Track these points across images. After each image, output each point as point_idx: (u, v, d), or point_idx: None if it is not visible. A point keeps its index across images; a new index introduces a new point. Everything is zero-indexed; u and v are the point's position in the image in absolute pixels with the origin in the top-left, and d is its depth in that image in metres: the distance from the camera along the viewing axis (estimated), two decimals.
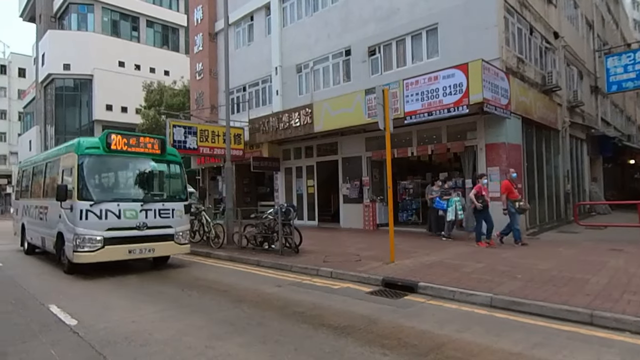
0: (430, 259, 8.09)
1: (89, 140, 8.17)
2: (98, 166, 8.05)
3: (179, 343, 4.20)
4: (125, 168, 8.48)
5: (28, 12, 45.04)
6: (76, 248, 7.33)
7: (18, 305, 5.85)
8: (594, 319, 4.54)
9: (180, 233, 8.49)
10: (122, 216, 7.65)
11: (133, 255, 7.79)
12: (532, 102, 12.93)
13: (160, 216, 8.15)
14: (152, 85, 29.26)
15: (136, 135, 8.73)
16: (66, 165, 8.11)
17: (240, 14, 19.50)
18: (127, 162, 8.36)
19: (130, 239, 7.72)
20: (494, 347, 3.93)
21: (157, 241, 8.06)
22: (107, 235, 7.47)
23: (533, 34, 13.89)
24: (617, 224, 13.26)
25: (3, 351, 4.06)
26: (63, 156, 8.41)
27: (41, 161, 10.24)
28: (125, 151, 8.16)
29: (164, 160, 8.82)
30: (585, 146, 18.94)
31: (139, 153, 8.36)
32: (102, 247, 7.42)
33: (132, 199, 8.03)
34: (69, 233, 7.57)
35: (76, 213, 7.38)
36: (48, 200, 8.93)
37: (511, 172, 10.24)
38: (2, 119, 53.32)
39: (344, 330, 4.46)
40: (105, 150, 7.94)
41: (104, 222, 7.49)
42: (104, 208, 7.50)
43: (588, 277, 6.24)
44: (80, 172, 7.55)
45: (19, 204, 12.11)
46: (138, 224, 7.81)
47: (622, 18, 29.22)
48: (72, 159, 7.80)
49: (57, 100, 36.92)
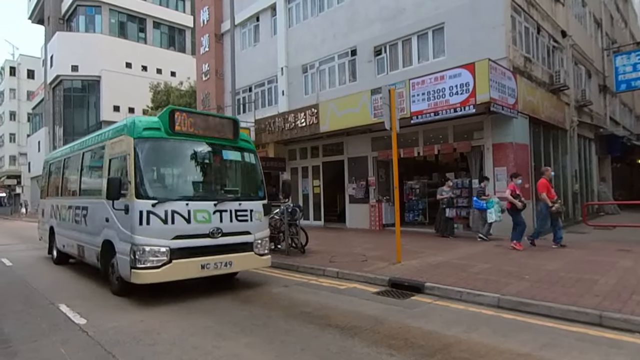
0: (437, 260, 8.06)
1: (146, 120, 6.23)
2: (160, 154, 6.15)
3: (185, 343, 4.23)
4: (193, 156, 6.47)
5: (37, 14, 45.54)
6: (135, 263, 5.51)
7: (27, 304, 5.93)
8: (603, 319, 4.50)
9: (259, 241, 6.57)
10: (192, 220, 5.79)
11: (206, 272, 5.90)
12: (540, 102, 12.84)
13: (237, 219, 6.27)
14: (159, 86, 29.47)
15: (204, 113, 7.09)
16: (115, 152, 6.37)
17: (246, 15, 19.57)
18: (194, 148, 6.39)
19: (203, 249, 5.88)
20: (502, 348, 3.92)
21: (234, 252, 6.20)
22: (174, 245, 5.64)
23: (540, 33, 13.80)
24: (626, 224, 13.13)
25: (14, 350, 4.12)
26: (110, 142, 6.62)
27: (76, 151, 8.43)
28: (192, 134, 6.25)
29: (236, 147, 6.84)
30: (593, 146, 18.76)
31: (208, 137, 6.44)
32: (169, 261, 5.57)
33: (203, 197, 6.19)
34: (122, 242, 5.81)
35: (134, 216, 5.55)
36: (88, 199, 7.33)
37: (549, 171, 9.76)
38: (11, 120, 53.92)
39: (350, 331, 4.46)
40: (168, 133, 6.04)
41: (170, 228, 5.65)
42: (170, 209, 5.66)
43: (596, 277, 6.19)
44: (137, 162, 5.73)
45: (45, 203, 10.40)
46: (212, 230, 5.94)
47: (631, 16, 28.91)
48: (125, 144, 6.00)
49: (66, 101, 37.30)
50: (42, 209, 10.80)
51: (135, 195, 5.60)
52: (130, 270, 5.56)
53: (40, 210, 11.18)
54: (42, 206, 10.89)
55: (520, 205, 9.18)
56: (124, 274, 5.80)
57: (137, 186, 5.64)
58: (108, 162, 6.52)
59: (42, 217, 10.74)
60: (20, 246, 13.57)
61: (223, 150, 6.73)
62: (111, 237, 6.14)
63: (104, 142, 6.85)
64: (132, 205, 5.59)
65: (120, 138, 6.26)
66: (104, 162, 6.68)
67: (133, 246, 5.53)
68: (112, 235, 6.11)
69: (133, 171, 5.69)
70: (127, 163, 5.84)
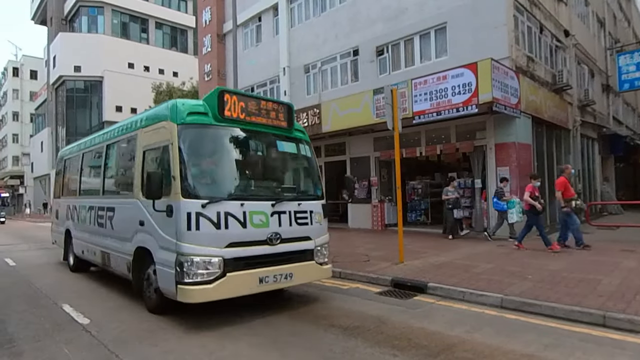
0: (440, 260, 8.05)
1: (189, 103, 5.21)
2: (208, 143, 5.18)
3: (189, 342, 4.24)
4: (244, 147, 5.55)
5: (39, 15, 45.73)
6: (182, 277, 4.54)
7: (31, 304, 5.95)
8: (607, 320, 4.49)
9: (320, 247, 5.64)
10: (247, 223, 4.87)
11: (264, 287, 4.98)
12: (543, 101, 12.81)
13: (296, 222, 5.36)
14: (161, 87, 29.53)
15: (256, 97, 6.09)
16: (152, 143, 5.39)
17: (248, 15, 19.59)
18: (245, 138, 5.45)
19: (260, 259, 4.94)
20: (505, 348, 3.91)
21: (293, 261, 5.26)
22: (228, 254, 4.69)
23: (543, 33, 13.76)
24: (630, 224, 13.08)
25: (19, 350, 4.13)
26: (145, 130, 5.65)
27: (98, 144, 7.48)
28: (243, 121, 5.32)
29: (291, 138, 5.91)
30: (596, 145, 18.71)
31: (260, 125, 5.51)
32: (222, 274, 4.62)
33: (258, 196, 5.28)
34: (163, 251, 4.87)
35: (180, 218, 4.60)
36: (115, 199, 6.44)
37: (570, 168, 9.56)
38: (14, 120, 54.18)
39: (354, 331, 4.46)
40: (216, 119, 5.09)
41: (223, 234, 4.70)
42: (223, 210, 4.72)
43: (600, 277, 6.17)
44: (182, 153, 4.77)
45: (60, 204, 9.38)
46: (270, 236, 5.00)
47: (634, 15, 28.79)
48: (166, 132, 5.04)
49: (68, 101, 37.48)
50: (55, 210, 9.75)
51: (181, 194, 4.63)
52: (176, 286, 4.58)
53: (53, 211, 10.12)
54: (55, 206, 9.83)
55: (539, 207, 8.89)
56: (165, 288, 4.87)
57: (183, 182, 4.67)
58: (142, 155, 5.58)
59: (55, 219, 9.70)
60: (23, 246, 13.62)
61: (277, 141, 5.75)
62: (147, 244, 5.22)
63: (136, 132, 5.89)
64: (178, 206, 4.62)
65: (158, 126, 5.28)
66: (136, 154, 5.74)
67: (179, 256, 4.58)
68: (149, 241, 5.18)
69: (178, 164, 4.72)
70: (170, 155, 4.85)
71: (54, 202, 10.07)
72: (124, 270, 5.97)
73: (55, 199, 10.02)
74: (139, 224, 5.38)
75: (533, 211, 8.95)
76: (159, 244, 4.96)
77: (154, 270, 5.09)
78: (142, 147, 5.61)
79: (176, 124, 4.91)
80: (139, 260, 5.48)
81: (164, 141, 5.04)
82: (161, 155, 5.16)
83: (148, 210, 5.14)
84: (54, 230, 9.99)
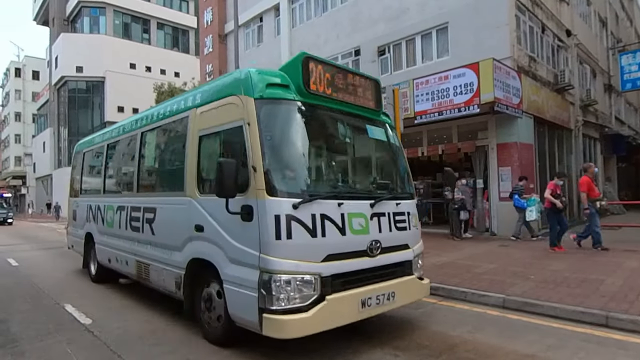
0: (442, 260, 8.04)
1: (266, 72, 3.98)
2: (293, 126, 4.00)
3: (191, 342, 4.24)
4: (333, 132, 4.41)
5: (41, 16, 45.89)
6: (269, 302, 3.42)
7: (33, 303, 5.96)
8: (610, 320, 4.48)
9: (417, 258, 4.55)
10: (347, 229, 3.78)
11: (366, 312, 3.84)
12: (544, 101, 12.79)
13: (395, 227, 4.26)
14: (163, 87, 29.54)
15: (343, 68, 4.55)
16: (213, 125, 4.19)
17: (250, 15, 19.62)
18: (334, 120, 4.31)
19: (360, 276, 3.84)
20: (508, 349, 3.90)
21: (393, 277, 4.15)
22: (326, 270, 3.60)
23: (545, 32, 13.74)
24: (632, 224, 13.04)
25: (21, 350, 4.14)
26: (202, 109, 4.39)
27: (129, 132, 6.27)
28: (330, 98, 4.15)
29: (379, 123, 4.81)
30: (598, 145, 18.67)
31: (349, 105, 4.36)
32: (321, 297, 3.53)
33: (355, 194, 4.23)
34: (237, 267, 3.72)
35: (265, 223, 3.48)
36: (156, 197, 5.27)
37: (593, 167, 9.25)
38: (16, 121, 54.34)
39: (355, 331, 4.45)
40: (301, 94, 3.92)
41: (320, 244, 3.61)
42: (319, 212, 3.64)
43: (602, 278, 6.16)
44: (263, 137, 3.63)
45: (78, 203, 8.23)
46: (370, 245, 3.93)
47: (636, 15, 28.72)
48: (237, 109, 3.85)
49: (70, 102, 37.60)
50: (73, 211, 8.58)
51: (266, 190, 3.48)
52: (260, 315, 3.44)
53: (69, 212, 9.03)
54: (72, 206, 8.67)
55: (560, 205, 8.67)
56: (240, 317, 3.73)
57: (268, 175, 3.51)
58: (197, 141, 4.37)
59: (73, 220, 8.58)
60: (26, 246, 13.65)
61: (367, 126, 4.62)
62: (208, 256, 4.06)
63: (186, 113, 4.69)
64: (263, 207, 3.47)
65: (223, 102, 4.08)
66: (188, 141, 4.54)
67: (265, 274, 3.43)
68: (212, 252, 4.00)
69: (260, 151, 3.55)
70: (246, 139, 3.66)
71: (71, 202, 8.88)
72: (169, 287, 4.79)
73: (71, 198, 8.82)
74: (194, 230, 4.23)
75: (554, 209, 8.73)
76: (229, 256, 3.79)
77: (218, 290, 4.01)
78: (198, 131, 4.38)
79: (253, 98, 3.73)
80: (193, 276, 4.37)
81: (234, 122, 3.87)
82: (228, 140, 4.05)
83: (209, 212, 4.06)
84: (70, 233, 8.83)
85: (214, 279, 4.03)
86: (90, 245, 7.42)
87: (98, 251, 7.07)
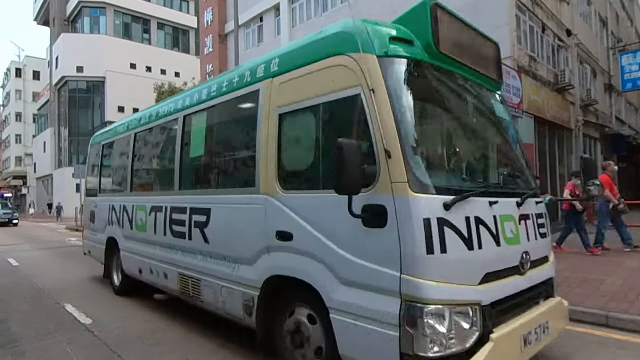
0: None
1: (380, 24, 3.07)
2: (427, 96, 3.05)
3: (191, 342, 4.24)
4: (466, 107, 3.44)
5: (42, 16, 45.98)
6: (419, 345, 2.35)
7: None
8: (610, 320, 4.47)
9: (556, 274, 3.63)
10: (500, 238, 2.81)
11: (527, 353, 2.81)
12: (545, 101, 12.79)
13: (539, 233, 3.32)
14: (163, 87, 29.54)
15: (468, 24, 3.56)
16: (306, 96, 3.09)
17: (250, 16, 19.64)
18: (465, 92, 3.37)
19: (517, 301, 2.91)
20: None
21: (541, 301, 3.26)
22: (487, 296, 2.61)
23: (545, 32, 13.73)
24: (632, 224, 12.97)
25: (21, 350, 4.15)
26: (283, 79, 3.32)
27: (167, 115, 5.13)
28: (459, 63, 3.17)
29: (499, 98, 3.81)
30: (599, 145, 18.66)
31: (475, 73, 3.40)
32: (484, 337, 2.51)
33: (505, 189, 3.29)
34: (358, 291, 2.64)
35: (412, 230, 2.40)
36: (209, 195, 4.20)
37: (612, 165, 8.69)
38: (17, 121, 54.45)
39: None
40: (430, 54, 2.92)
41: (476, 258, 2.63)
42: (473, 215, 2.64)
43: (603, 278, 6.15)
44: (396, 109, 2.57)
45: (98, 204, 7.14)
46: (522, 260, 2.98)
47: (637, 15, 28.71)
48: (349, 73, 2.80)
49: (71, 102, 37.67)
50: (90, 211, 7.51)
51: (409, 184, 2.45)
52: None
53: (86, 213, 8.05)
54: (89, 207, 7.63)
55: (580, 207, 8.31)
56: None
57: (409, 163, 2.48)
58: (276, 122, 3.30)
59: (91, 223, 7.50)
60: (26, 246, 13.67)
61: (493, 102, 3.67)
62: (301, 273, 3.01)
63: (256, 86, 3.59)
64: (405, 207, 2.44)
65: (323, 65, 3.01)
66: (259, 123, 3.45)
67: (411, 304, 2.39)
68: (306, 268, 2.96)
69: (394, 130, 2.52)
70: (368, 112, 2.62)
71: (87, 201, 7.91)
72: (233, 311, 3.73)
73: (88, 197, 7.83)
74: (275, 238, 3.21)
75: (573, 211, 8.39)
76: (341, 275, 2.74)
77: (315, 320, 3.02)
78: (277, 107, 3.31)
79: (376, 56, 2.71)
80: (273, 299, 3.35)
81: (344, 90, 2.81)
82: (333, 117, 2.99)
83: (302, 215, 3.02)
84: (87, 237, 7.76)
85: (304, 303, 3.10)
86: (114, 252, 6.39)
87: (124, 259, 6.01)
